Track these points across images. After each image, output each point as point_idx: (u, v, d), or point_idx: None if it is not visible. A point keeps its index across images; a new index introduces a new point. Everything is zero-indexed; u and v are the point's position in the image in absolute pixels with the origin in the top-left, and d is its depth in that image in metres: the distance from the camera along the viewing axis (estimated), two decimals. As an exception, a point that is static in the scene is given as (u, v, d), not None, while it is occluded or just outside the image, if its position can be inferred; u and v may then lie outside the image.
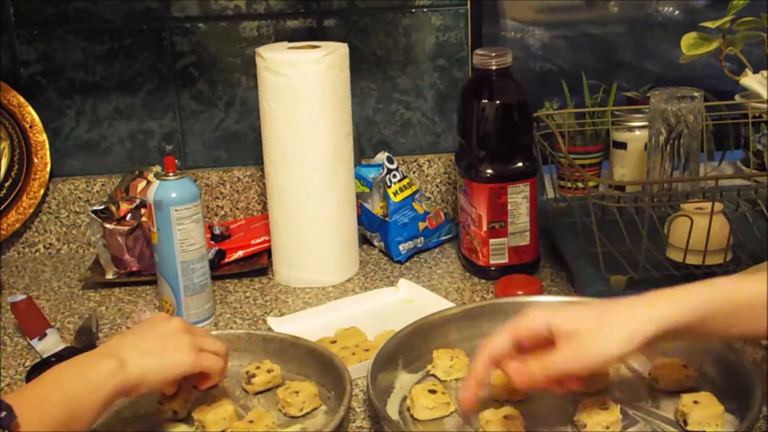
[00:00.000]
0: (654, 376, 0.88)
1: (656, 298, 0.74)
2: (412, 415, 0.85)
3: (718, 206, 1.03)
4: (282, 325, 1.06)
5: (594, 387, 0.86)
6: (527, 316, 0.76)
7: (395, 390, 0.90)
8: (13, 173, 1.35)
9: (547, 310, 0.76)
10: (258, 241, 1.29)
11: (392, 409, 0.86)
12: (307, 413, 0.86)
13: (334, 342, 0.99)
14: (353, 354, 0.96)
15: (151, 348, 0.80)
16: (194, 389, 0.87)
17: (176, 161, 1.09)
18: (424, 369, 0.93)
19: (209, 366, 0.83)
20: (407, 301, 1.13)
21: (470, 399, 0.76)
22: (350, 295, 1.16)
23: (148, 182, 1.25)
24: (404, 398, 0.88)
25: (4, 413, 0.66)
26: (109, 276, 1.23)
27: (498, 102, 1.14)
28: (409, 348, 0.94)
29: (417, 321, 0.96)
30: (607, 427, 0.79)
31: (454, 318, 0.99)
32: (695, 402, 0.80)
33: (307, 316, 1.09)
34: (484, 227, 1.16)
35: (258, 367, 0.92)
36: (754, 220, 1.12)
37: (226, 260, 1.26)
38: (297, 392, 0.87)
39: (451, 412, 0.85)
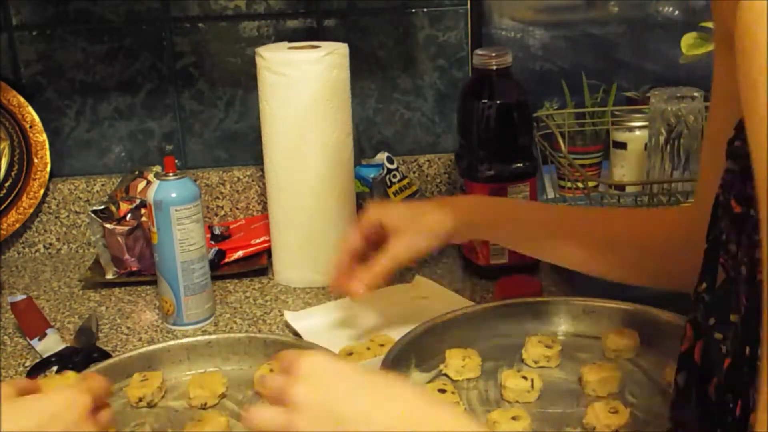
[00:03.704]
0: (667, 380, 0.86)
1: (459, 201, 0.97)
2: None
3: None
4: (298, 320, 1.06)
5: (606, 390, 0.86)
6: (365, 214, 0.96)
7: None
8: (13, 173, 1.35)
9: (380, 209, 0.97)
10: (258, 241, 1.29)
11: None
12: None
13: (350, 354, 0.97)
14: (349, 354, 0.96)
15: None
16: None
17: (176, 161, 1.09)
18: (437, 368, 0.93)
19: None
20: (423, 297, 1.13)
21: (338, 284, 0.96)
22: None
23: (148, 182, 1.25)
24: None
25: None
26: (109, 276, 1.23)
27: (498, 102, 1.14)
28: (421, 347, 0.93)
29: (430, 320, 0.96)
30: (617, 431, 0.79)
31: (468, 318, 0.98)
32: None
33: (324, 312, 1.08)
34: (484, 227, 1.16)
35: (271, 370, 0.91)
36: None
37: (226, 260, 1.26)
38: None
39: None
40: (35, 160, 1.35)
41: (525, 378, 0.87)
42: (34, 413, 0.65)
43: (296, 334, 1.03)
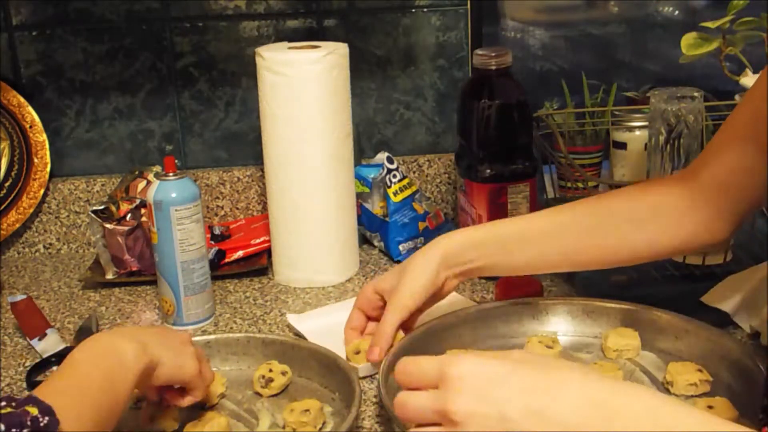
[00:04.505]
0: (668, 380, 0.87)
1: (441, 238, 0.94)
2: None
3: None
4: (301, 322, 1.06)
5: None
6: (359, 294, 0.98)
7: None
8: (13, 173, 1.35)
9: (371, 282, 0.97)
10: (258, 241, 1.29)
11: None
12: (321, 427, 0.84)
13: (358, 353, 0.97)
14: (356, 353, 0.95)
15: (166, 344, 0.78)
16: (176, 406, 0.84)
17: (176, 161, 1.09)
18: None
19: (205, 383, 0.83)
20: None
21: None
22: (351, 296, 1.16)
23: (148, 182, 1.25)
24: None
25: (47, 418, 0.60)
26: (109, 276, 1.23)
27: (498, 102, 1.14)
28: (422, 348, 0.93)
29: (430, 321, 0.96)
30: None
31: (469, 318, 0.98)
32: (710, 407, 0.80)
33: (325, 313, 1.08)
34: (484, 227, 1.16)
35: (271, 370, 0.91)
36: (754, 220, 1.12)
37: (226, 260, 1.26)
38: (307, 410, 0.84)
39: None
40: (35, 160, 1.35)
41: (526, 378, 0.86)
42: (149, 332, 0.80)
43: (298, 336, 1.03)
